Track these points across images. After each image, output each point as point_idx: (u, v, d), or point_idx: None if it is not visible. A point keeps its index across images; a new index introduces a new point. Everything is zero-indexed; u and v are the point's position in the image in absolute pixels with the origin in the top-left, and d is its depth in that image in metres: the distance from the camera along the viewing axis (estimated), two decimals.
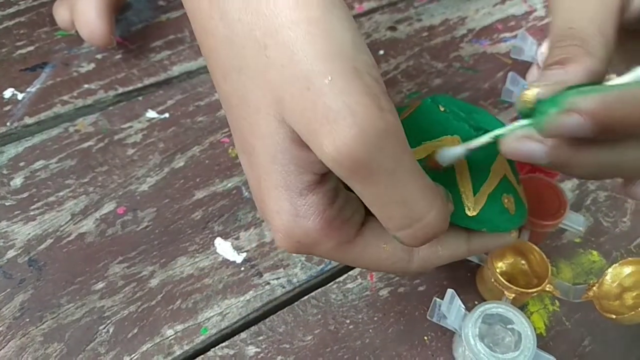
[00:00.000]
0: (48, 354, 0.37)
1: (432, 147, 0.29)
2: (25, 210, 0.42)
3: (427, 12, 0.58)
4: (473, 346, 0.34)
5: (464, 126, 0.29)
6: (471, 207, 0.29)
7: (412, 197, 0.23)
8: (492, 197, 0.30)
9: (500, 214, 0.31)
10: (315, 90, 0.21)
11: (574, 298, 0.37)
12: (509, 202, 0.31)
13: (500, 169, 0.31)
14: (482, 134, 0.27)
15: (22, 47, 0.50)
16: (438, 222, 0.24)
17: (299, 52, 0.21)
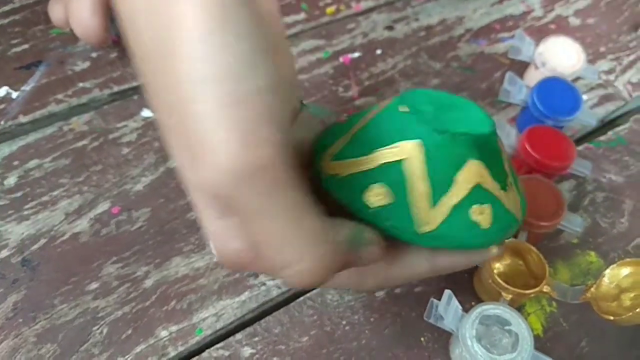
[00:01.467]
0: (41, 354, 0.37)
1: (384, 156, 0.26)
2: (18, 210, 0.42)
3: (425, 12, 0.57)
4: (470, 347, 0.34)
5: (427, 130, 0.26)
6: (424, 222, 0.26)
7: (279, 242, 0.21)
8: (457, 209, 0.27)
9: (468, 229, 0.27)
10: (190, 116, 0.20)
11: (571, 299, 0.37)
12: (483, 214, 0.27)
13: (471, 178, 0.27)
14: (447, 137, 0.26)
15: (17, 45, 0.50)
16: (311, 273, 0.21)
17: (182, 75, 0.20)
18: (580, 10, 0.60)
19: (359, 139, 0.28)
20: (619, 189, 0.47)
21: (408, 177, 0.26)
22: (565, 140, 0.43)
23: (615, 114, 0.53)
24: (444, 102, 0.29)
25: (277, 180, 0.20)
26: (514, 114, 0.51)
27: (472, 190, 0.27)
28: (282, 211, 0.20)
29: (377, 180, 0.26)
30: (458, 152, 0.26)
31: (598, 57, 0.56)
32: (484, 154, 0.27)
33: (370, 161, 0.27)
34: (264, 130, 0.19)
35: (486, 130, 0.27)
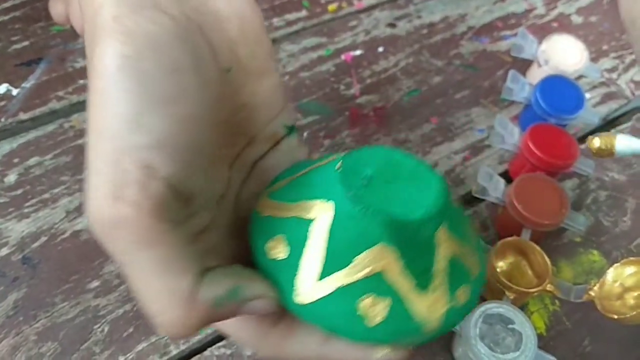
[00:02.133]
0: (42, 353, 0.37)
1: (300, 208, 0.24)
2: (19, 208, 0.42)
3: (427, 9, 0.57)
4: (474, 346, 0.33)
5: (345, 196, 0.23)
6: (304, 293, 0.23)
7: (141, 295, 0.21)
8: (343, 292, 0.23)
9: (348, 318, 0.23)
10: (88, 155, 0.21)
11: (575, 298, 0.37)
12: (374, 308, 0.23)
13: (373, 263, 0.23)
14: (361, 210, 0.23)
15: (17, 42, 0.49)
16: (172, 327, 0.22)
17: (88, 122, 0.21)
18: (582, 8, 0.59)
19: (294, 185, 0.26)
20: (622, 187, 0.47)
21: (309, 239, 0.24)
22: (568, 138, 0.43)
23: (618, 113, 0.53)
24: (395, 169, 0.25)
25: (138, 239, 0.20)
26: (517, 112, 0.51)
27: (370, 277, 0.23)
28: (141, 268, 0.21)
29: (283, 232, 0.25)
30: (370, 230, 0.23)
31: (601, 55, 0.56)
32: (404, 242, 0.23)
33: (288, 210, 0.25)
34: (127, 191, 0.20)
35: (415, 216, 0.23)
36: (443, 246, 0.24)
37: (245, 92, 0.27)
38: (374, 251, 0.23)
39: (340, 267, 0.23)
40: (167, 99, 0.21)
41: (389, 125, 0.49)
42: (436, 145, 0.48)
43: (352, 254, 0.23)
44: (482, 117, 0.50)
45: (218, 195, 0.27)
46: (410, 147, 0.48)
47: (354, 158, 0.25)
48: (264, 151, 0.29)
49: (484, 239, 0.40)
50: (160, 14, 0.22)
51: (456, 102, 0.51)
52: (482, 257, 0.27)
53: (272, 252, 0.25)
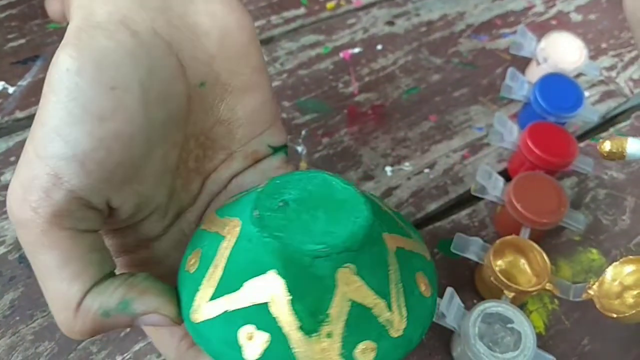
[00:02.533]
0: (39, 352, 0.36)
1: (223, 224, 0.24)
2: None
3: (426, 7, 0.57)
4: (472, 345, 0.33)
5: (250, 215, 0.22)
6: (196, 311, 0.22)
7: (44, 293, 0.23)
8: (227, 317, 0.22)
9: (228, 345, 0.22)
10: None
11: (574, 297, 0.37)
12: (254, 342, 0.21)
13: (258, 292, 0.21)
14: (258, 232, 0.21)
15: (13, 39, 0.49)
16: (62, 328, 0.23)
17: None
18: (581, 6, 0.59)
19: (234, 201, 0.26)
20: (621, 186, 0.47)
21: (215, 257, 0.23)
22: (567, 136, 0.42)
23: (617, 111, 0.53)
24: (323, 197, 0.23)
25: (36, 241, 0.22)
26: (516, 110, 0.50)
27: (254, 306, 0.21)
28: (39, 268, 0.22)
29: (202, 246, 0.24)
30: (264, 256, 0.21)
31: (600, 54, 0.56)
32: (295, 275, 0.21)
33: (214, 224, 0.24)
34: (32, 195, 0.21)
35: (309, 249, 0.21)
36: (343, 288, 0.21)
37: (223, 106, 0.27)
38: (264, 279, 0.21)
39: (230, 290, 0.22)
40: (97, 116, 0.22)
41: (388, 124, 0.49)
42: (435, 144, 0.48)
43: (244, 278, 0.21)
44: (481, 115, 0.50)
45: (182, 206, 0.27)
46: (409, 145, 0.48)
47: (284, 180, 0.23)
48: (242, 168, 0.29)
49: (482, 238, 0.39)
50: (122, 30, 0.23)
51: (455, 100, 0.51)
52: (416, 313, 0.23)
53: (188, 265, 0.24)
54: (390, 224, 0.25)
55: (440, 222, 0.44)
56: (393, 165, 0.46)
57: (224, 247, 0.22)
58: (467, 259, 0.39)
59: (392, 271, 0.23)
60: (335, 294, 0.21)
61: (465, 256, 0.38)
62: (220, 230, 0.24)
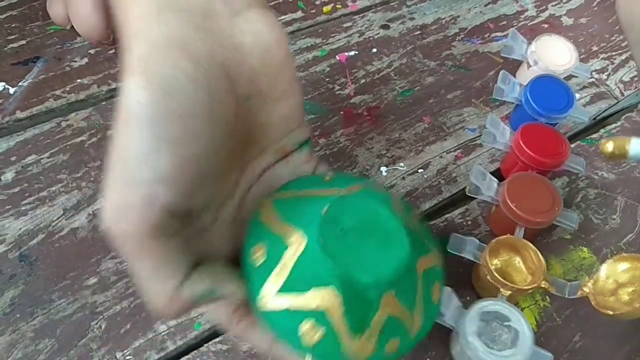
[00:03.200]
0: (39, 349, 0.37)
1: (287, 230, 0.28)
2: (16, 205, 0.42)
3: (420, 11, 0.58)
4: (471, 344, 0.34)
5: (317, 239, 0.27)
6: (264, 300, 0.28)
7: (140, 286, 0.26)
8: (293, 312, 0.27)
9: (291, 332, 0.27)
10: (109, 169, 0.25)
11: (569, 294, 0.37)
12: (313, 334, 0.27)
13: (323, 303, 0.27)
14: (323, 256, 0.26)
15: (14, 40, 0.50)
16: (158, 312, 0.27)
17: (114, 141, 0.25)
18: (572, 10, 0.60)
19: (292, 204, 0.30)
20: (611, 186, 0.48)
21: (282, 260, 0.28)
22: (559, 137, 0.43)
23: (607, 112, 0.54)
24: (373, 226, 0.28)
25: (134, 250, 0.25)
26: (508, 111, 0.51)
27: (315, 310, 0.27)
28: (137, 269, 0.26)
29: (267, 242, 0.29)
30: (327, 275, 0.27)
31: (590, 56, 0.57)
32: (350, 295, 0.27)
33: (279, 226, 0.29)
34: (129, 215, 0.24)
35: (364, 280, 0.27)
36: (385, 307, 0.28)
37: (262, 114, 0.30)
38: (325, 292, 0.27)
39: (296, 290, 0.27)
40: (174, 141, 0.24)
41: (383, 125, 0.49)
42: (429, 144, 0.49)
43: (308, 286, 0.27)
44: (473, 116, 0.51)
45: (223, 199, 0.30)
46: (403, 145, 0.48)
47: (340, 205, 0.28)
48: (273, 162, 0.32)
49: (475, 236, 0.40)
50: (184, 56, 0.25)
51: (448, 102, 0.52)
52: (428, 316, 0.30)
53: (254, 257, 0.29)
54: (420, 248, 0.30)
55: (434, 221, 0.45)
56: (388, 165, 0.47)
57: (290, 254, 0.27)
58: (461, 257, 0.39)
59: (419, 290, 0.30)
60: (378, 312, 0.28)
61: (462, 256, 0.39)
62: (285, 236, 0.28)
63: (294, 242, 0.28)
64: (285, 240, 0.28)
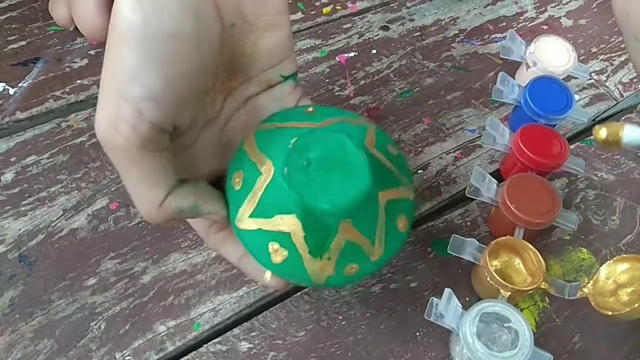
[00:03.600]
0: (38, 350, 0.37)
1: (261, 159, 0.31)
2: (16, 206, 0.42)
3: (419, 12, 0.58)
4: (471, 345, 0.34)
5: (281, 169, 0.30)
6: (240, 220, 0.31)
7: (128, 191, 0.29)
8: (262, 233, 0.30)
9: (261, 250, 0.31)
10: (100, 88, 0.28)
11: (569, 295, 0.37)
12: (278, 253, 0.31)
13: (286, 227, 0.30)
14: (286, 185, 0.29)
15: (14, 41, 0.50)
16: (144, 215, 0.30)
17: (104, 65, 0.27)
18: (572, 11, 0.60)
19: (270, 135, 0.32)
20: (611, 187, 0.48)
21: (254, 186, 0.31)
22: (558, 138, 0.43)
23: (607, 114, 0.54)
24: (338, 158, 0.30)
25: (127, 159, 0.27)
26: (507, 112, 0.51)
27: (280, 232, 0.30)
28: (129, 177, 0.29)
29: (245, 170, 0.32)
30: (289, 203, 0.29)
31: (590, 58, 0.57)
32: (310, 220, 0.30)
33: (255, 155, 0.31)
34: (122, 127, 0.26)
35: (322, 207, 0.29)
36: (342, 233, 0.30)
37: (247, 42, 0.31)
38: (288, 218, 0.30)
39: (264, 216, 0.30)
40: (162, 60, 0.26)
41: (382, 126, 0.49)
42: (428, 145, 0.49)
43: (274, 212, 0.30)
44: (473, 118, 0.51)
45: (207, 120, 0.32)
46: (403, 147, 0.48)
47: (308, 138, 0.30)
48: (258, 91, 0.34)
49: (475, 237, 0.40)
50: None
51: (448, 103, 0.52)
52: (390, 245, 0.32)
53: (233, 182, 0.32)
54: (386, 180, 0.32)
55: (434, 222, 0.45)
56: None
57: (261, 181, 0.30)
58: (459, 258, 0.39)
59: (379, 219, 0.31)
60: (336, 237, 0.30)
61: (462, 257, 0.39)
62: (258, 164, 0.31)
63: (264, 171, 0.30)
64: (258, 168, 0.31)
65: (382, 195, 0.31)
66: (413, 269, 0.42)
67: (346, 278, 0.32)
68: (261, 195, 0.30)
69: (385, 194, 0.32)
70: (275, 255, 0.31)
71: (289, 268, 0.31)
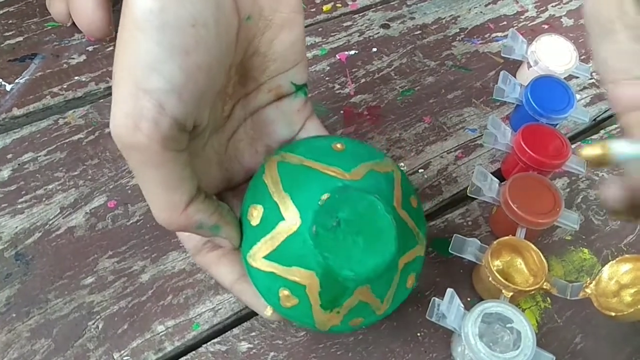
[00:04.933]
0: (35, 350, 0.36)
1: (285, 202, 0.30)
2: (12, 204, 0.41)
3: (420, 11, 0.58)
4: (473, 345, 0.33)
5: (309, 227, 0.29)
6: (253, 257, 0.30)
7: (146, 195, 0.28)
8: (276, 277, 0.30)
9: (271, 293, 0.30)
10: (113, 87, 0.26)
11: (571, 296, 0.37)
12: (289, 300, 0.30)
13: (303, 280, 0.29)
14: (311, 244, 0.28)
15: (11, 37, 0.49)
16: (161, 221, 0.28)
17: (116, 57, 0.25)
18: (572, 11, 0.60)
19: (297, 173, 0.31)
20: None
21: (274, 230, 0.30)
22: (559, 138, 0.43)
23: (608, 113, 0.54)
24: (366, 222, 0.29)
25: (147, 160, 0.25)
26: (509, 112, 0.51)
27: (295, 282, 0.30)
28: (148, 181, 0.27)
29: (265, 207, 0.31)
30: (311, 261, 0.29)
31: (591, 57, 0.57)
32: (328, 281, 0.29)
33: (279, 195, 0.30)
34: (143, 124, 0.24)
35: (343, 275, 0.29)
36: (357, 295, 0.30)
37: (262, 40, 0.30)
38: (307, 273, 0.29)
39: (281, 263, 0.29)
40: (184, 50, 0.24)
41: (383, 124, 0.49)
42: (429, 144, 0.49)
43: (292, 263, 0.29)
44: (474, 117, 0.51)
45: (217, 125, 0.31)
46: (403, 145, 0.48)
47: (339, 195, 0.29)
48: (266, 102, 0.33)
49: (476, 237, 0.40)
50: None
51: (449, 102, 0.51)
52: (397, 300, 0.33)
53: (251, 214, 0.31)
54: (407, 243, 0.32)
55: (435, 221, 0.45)
56: None
57: (283, 228, 0.29)
58: (461, 258, 0.39)
59: (394, 282, 0.32)
60: (350, 297, 0.30)
61: (463, 257, 0.39)
62: (282, 208, 0.30)
63: (289, 218, 0.29)
64: (281, 212, 0.29)
65: (401, 261, 0.31)
66: None
67: (349, 328, 0.32)
68: (282, 242, 0.29)
69: (404, 258, 0.32)
70: (285, 300, 0.30)
71: (296, 313, 0.31)
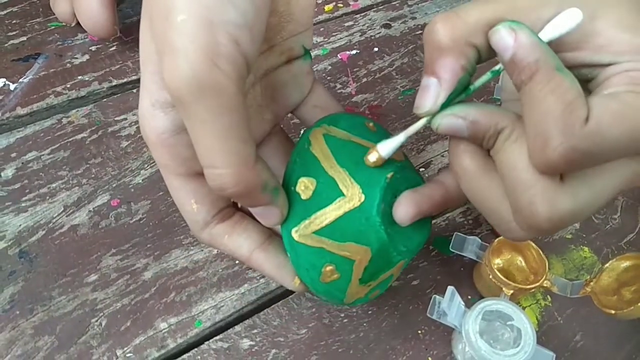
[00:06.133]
0: (38, 347, 0.37)
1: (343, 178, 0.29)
2: (16, 202, 0.42)
3: (421, 11, 0.58)
4: (474, 343, 0.34)
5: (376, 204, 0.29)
6: (300, 232, 0.29)
7: (214, 149, 0.24)
8: (323, 252, 0.29)
9: (313, 268, 0.29)
10: (169, 22, 0.22)
11: (571, 294, 0.37)
12: (331, 275, 0.29)
13: (354, 256, 0.29)
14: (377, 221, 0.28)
15: (15, 37, 0.49)
16: (228, 179, 0.24)
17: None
18: None
19: (348, 149, 0.30)
20: None
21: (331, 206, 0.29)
22: None
23: None
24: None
25: (222, 104, 0.23)
26: None
27: (345, 258, 0.29)
28: (216, 130, 0.23)
29: (319, 180, 0.29)
30: (371, 236, 0.29)
31: None
32: (379, 257, 0.30)
33: (334, 169, 0.29)
34: (221, 60, 0.22)
35: (398, 248, 0.30)
36: (394, 269, 0.31)
37: (281, 0, 0.30)
38: (362, 248, 0.29)
39: (334, 239, 0.28)
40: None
41: (385, 123, 0.49)
42: (430, 144, 0.49)
43: (348, 238, 0.29)
44: None
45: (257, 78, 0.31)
46: (404, 144, 0.48)
47: (400, 174, 0.30)
48: (278, 64, 0.32)
49: (476, 235, 0.40)
50: None
51: None
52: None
53: (300, 188, 0.29)
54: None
55: (436, 220, 0.45)
56: None
57: (343, 204, 0.28)
58: (461, 256, 0.39)
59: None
60: (388, 270, 0.31)
61: (464, 255, 0.39)
62: (340, 184, 0.29)
63: (350, 195, 0.28)
64: (340, 188, 0.29)
65: None
66: (415, 267, 0.42)
67: (366, 300, 0.32)
68: (340, 217, 0.28)
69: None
70: (326, 275, 0.29)
71: (330, 288, 0.30)
